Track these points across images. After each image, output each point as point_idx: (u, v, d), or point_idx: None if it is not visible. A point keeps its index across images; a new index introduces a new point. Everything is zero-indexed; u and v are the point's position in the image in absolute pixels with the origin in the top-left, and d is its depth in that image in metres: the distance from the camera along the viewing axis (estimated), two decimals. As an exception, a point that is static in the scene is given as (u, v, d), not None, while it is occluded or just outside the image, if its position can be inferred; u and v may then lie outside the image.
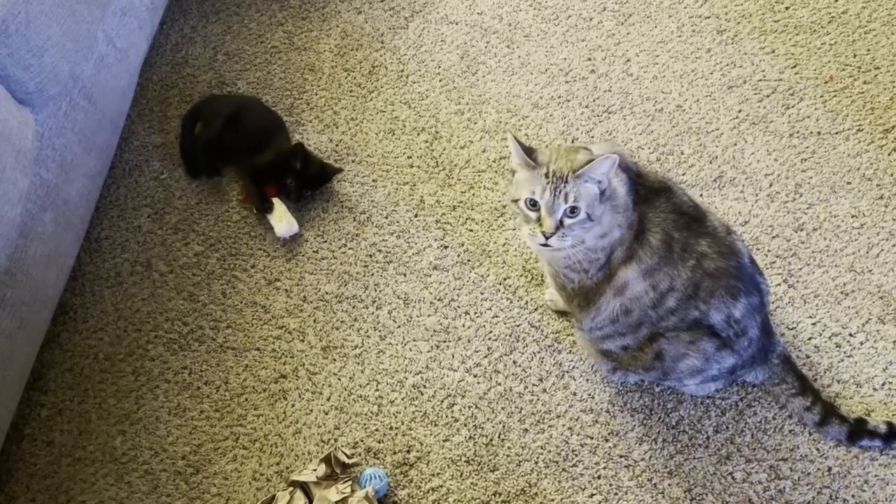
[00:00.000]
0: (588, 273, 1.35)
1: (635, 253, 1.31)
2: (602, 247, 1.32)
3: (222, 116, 1.86)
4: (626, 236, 1.30)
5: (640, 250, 1.30)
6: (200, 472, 1.55)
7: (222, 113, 1.87)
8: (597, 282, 1.36)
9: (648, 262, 1.30)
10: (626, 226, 1.30)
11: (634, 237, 1.30)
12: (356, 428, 1.57)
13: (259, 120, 1.90)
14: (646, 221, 1.30)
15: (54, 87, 1.50)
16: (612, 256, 1.32)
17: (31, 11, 1.39)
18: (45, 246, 1.55)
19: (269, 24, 2.16)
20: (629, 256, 1.31)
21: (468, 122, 1.93)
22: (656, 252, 1.30)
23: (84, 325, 1.74)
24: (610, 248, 1.32)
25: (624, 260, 1.32)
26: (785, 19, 2.01)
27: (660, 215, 1.31)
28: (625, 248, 1.31)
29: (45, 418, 1.63)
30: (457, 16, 2.12)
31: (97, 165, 1.76)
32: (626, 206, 1.30)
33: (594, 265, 1.34)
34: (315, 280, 1.75)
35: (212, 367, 1.66)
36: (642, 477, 1.47)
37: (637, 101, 1.92)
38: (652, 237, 1.30)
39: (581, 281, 1.38)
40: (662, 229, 1.30)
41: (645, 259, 1.30)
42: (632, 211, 1.30)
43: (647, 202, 1.31)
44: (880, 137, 1.80)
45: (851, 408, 1.49)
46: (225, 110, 1.87)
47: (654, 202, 1.31)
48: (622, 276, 1.33)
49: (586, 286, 1.38)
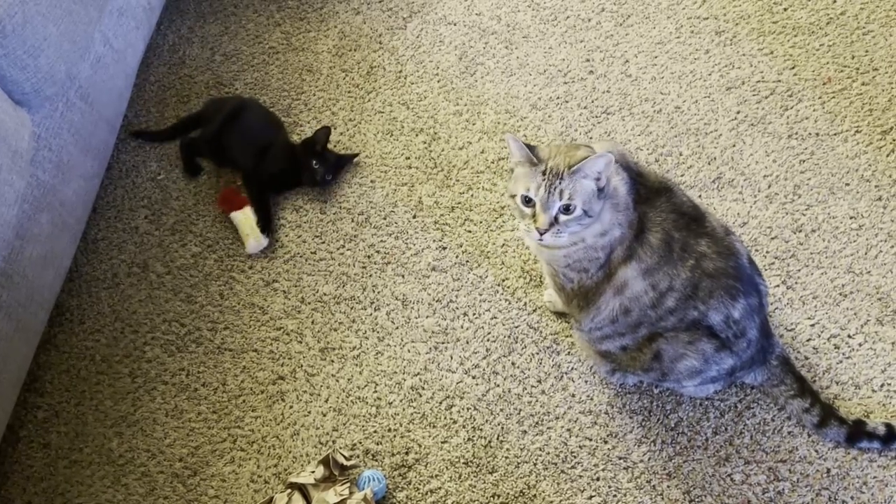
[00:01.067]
0: (588, 272, 1.35)
1: (635, 252, 1.31)
2: (602, 245, 1.32)
3: (221, 115, 1.86)
4: (627, 235, 1.30)
5: (640, 249, 1.30)
6: (198, 475, 1.54)
7: (221, 111, 1.87)
8: (596, 281, 1.36)
9: (648, 261, 1.30)
10: (627, 224, 1.30)
11: (634, 236, 1.30)
12: (354, 430, 1.56)
13: (258, 119, 1.90)
14: (646, 221, 1.30)
15: (51, 87, 1.50)
16: (613, 255, 1.32)
17: (28, 12, 1.39)
18: (41, 247, 1.55)
19: (267, 24, 2.16)
20: (629, 255, 1.31)
21: (466, 123, 1.93)
22: (656, 251, 1.30)
23: (81, 326, 1.73)
24: (610, 247, 1.32)
25: (624, 259, 1.32)
26: (783, 21, 2.01)
27: (660, 215, 1.30)
28: (625, 247, 1.31)
29: (42, 420, 1.63)
30: (455, 16, 2.12)
31: (94, 166, 1.75)
32: (627, 205, 1.30)
33: (594, 264, 1.34)
34: (313, 281, 1.74)
35: (209, 368, 1.66)
36: (641, 479, 1.47)
37: (636, 102, 1.92)
38: (652, 237, 1.30)
39: (581, 281, 1.38)
40: (663, 229, 1.30)
41: (645, 258, 1.30)
42: (632, 210, 1.30)
43: (648, 202, 1.31)
44: (879, 139, 1.80)
45: (850, 409, 1.49)
46: (224, 109, 1.87)
47: (655, 202, 1.31)
48: (622, 276, 1.32)
49: (586, 286, 1.38)
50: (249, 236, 1.77)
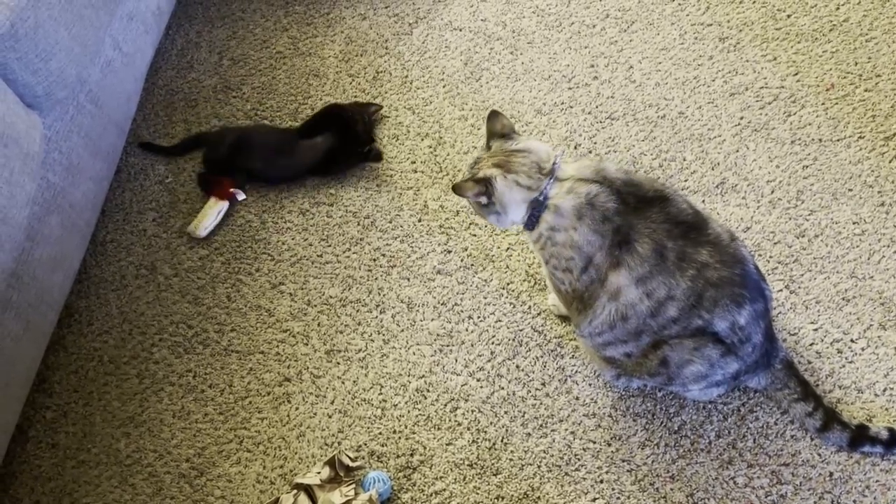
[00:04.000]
0: (572, 273, 1.39)
1: (622, 260, 1.32)
2: (564, 243, 1.37)
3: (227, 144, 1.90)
4: (600, 242, 1.34)
5: (627, 258, 1.32)
6: (204, 475, 1.56)
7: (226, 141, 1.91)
8: (587, 285, 1.38)
9: (639, 269, 1.32)
10: (595, 231, 1.34)
11: (617, 244, 1.32)
12: (360, 431, 1.57)
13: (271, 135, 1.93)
14: (632, 231, 1.32)
15: (62, 91, 1.51)
16: (595, 260, 1.35)
17: (40, 16, 1.41)
18: (51, 249, 1.56)
19: (274, 29, 2.18)
20: (616, 263, 1.33)
21: (472, 128, 1.94)
22: (646, 260, 1.31)
23: (89, 328, 1.74)
24: (580, 249, 1.36)
25: (612, 265, 1.34)
26: (786, 27, 2.02)
27: (650, 225, 1.32)
28: (605, 252, 1.34)
29: (50, 421, 1.64)
30: (461, 22, 2.13)
31: (103, 169, 1.77)
32: (580, 215, 1.35)
33: (572, 263, 1.38)
34: (319, 284, 1.76)
35: (216, 370, 1.67)
36: (644, 481, 1.47)
37: (639, 107, 1.93)
38: (640, 246, 1.31)
39: (571, 282, 1.41)
40: (652, 239, 1.31)
41: (635, 267, 1.32)
42: (611, 219, 1.33)
43: (637, 211, 1.33)
44: (881, 145, 1.81)
45: (853, 413, 1.50)
46: (228, 138, 1.91)
47: (645, 212, 1.33)
48: (614, 282, 1.34)
49: (578, 288, 1.40)
50: (201, 222, 1.81)
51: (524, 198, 1.41)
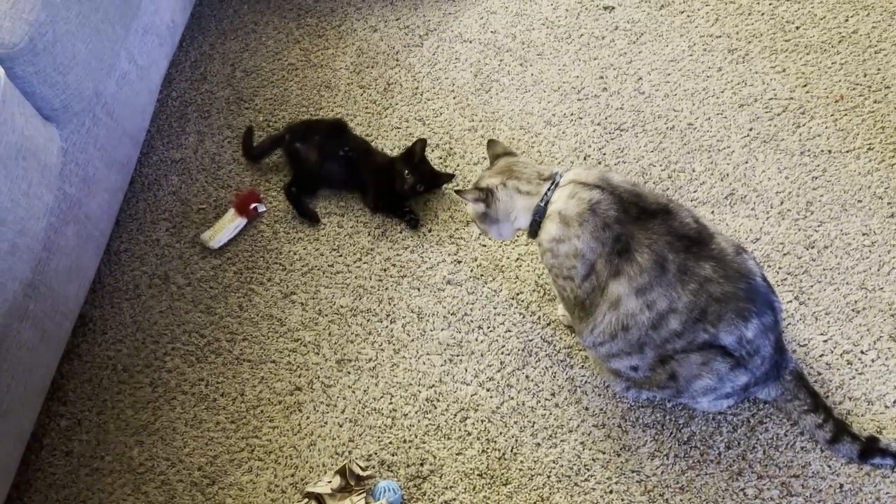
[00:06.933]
0: (574, 280, 1.41)
1: (622, 269, 1.34)
2: (566, 252, 1.39)
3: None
4: (600, 250, 1.36)
5: (626, 267, 1.33)
6: (216, 484, 1.57)
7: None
8: (588, 292, 1.39)
9: (639, 279, 1.33)
10: (596, 240, 1.36)
11: (617, 253, 1.34)
12: (370, 440, 1.58)
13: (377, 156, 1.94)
14: (632, 241, 1.33)
15: (79, 103, 1.54)
16: (597, 268, 1.36)
17: (58, 30, 1.43)
18: (66, 259, 1.58)
19: (286, 41, 2.20)
20: (616, 272, 1.34)
21: (481, 139, 1.96)
22: (646, 271, 1.32)
23: (103, 336, 1.76)
24: (582, 257, 1.37)
25: (611, 274, 1.35)
26: (795, 39, 2.03)
27: (651, 236, 1.33)
28: (604, 261, 1.35)
29: (64, 429, 1.66)
30: (471, 34, 2.15)
31: (118, 180, 1.79)
32: (582, 220, 1.37)
33: (574, 272, 1.40)
34: (330, 294, 1.77)
35: (228, 379, 1.69)
36: (654, 492, 1.48)
37: (649, 118, 1.94)
38: (639, 256, 1.32)
39: (573, 289, 1.42)
40: (653, 250, 1.32)
41: (635, 276, 1.33)
42: (612, 228, 1.35)
43: (638, 222, 1.34)
44: (891, 156, 1.81)
45: (863, 425, 1.50)
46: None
47: (647, 223, 1.34)
48: (614, 290, 1.35)
49: (580, 296, 1.41)
50: (217, 234, 1.83)
51: (526, 205, 1.46)
